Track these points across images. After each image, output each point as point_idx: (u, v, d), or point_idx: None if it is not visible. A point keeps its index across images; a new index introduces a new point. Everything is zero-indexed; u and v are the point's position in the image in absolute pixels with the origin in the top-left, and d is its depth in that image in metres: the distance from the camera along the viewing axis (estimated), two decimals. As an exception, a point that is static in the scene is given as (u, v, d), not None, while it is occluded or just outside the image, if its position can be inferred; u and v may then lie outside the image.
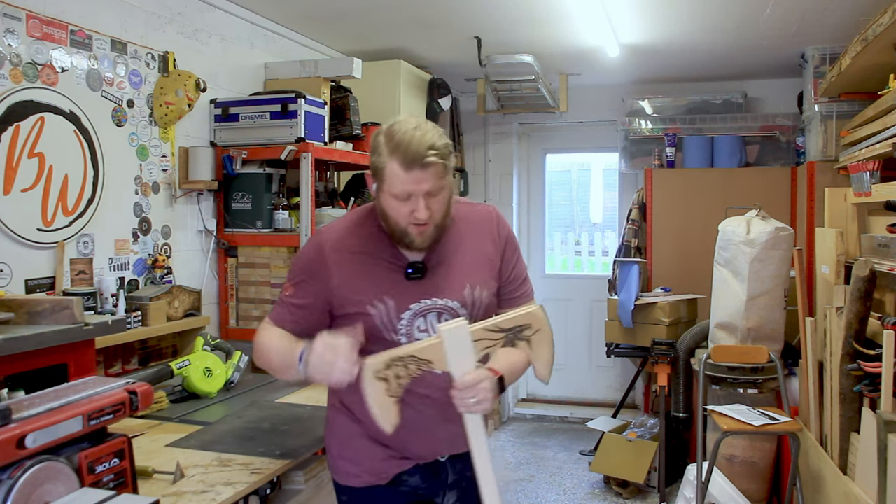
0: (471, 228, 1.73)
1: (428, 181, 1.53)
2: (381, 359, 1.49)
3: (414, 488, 1.75)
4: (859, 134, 3.41)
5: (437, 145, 1.53)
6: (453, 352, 1.48)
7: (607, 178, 5.87)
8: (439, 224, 1.61)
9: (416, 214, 1.55)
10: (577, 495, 4.19)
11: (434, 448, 1.74)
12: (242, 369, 2.83)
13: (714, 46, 4.25)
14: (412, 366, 1.49)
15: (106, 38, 2.72)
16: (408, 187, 1.53)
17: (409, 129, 1.53)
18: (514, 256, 1.75)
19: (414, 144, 1.51)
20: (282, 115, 3.21)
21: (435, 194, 1.56)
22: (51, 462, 1.34)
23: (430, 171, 1.53)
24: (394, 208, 1.58)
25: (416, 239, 1.60)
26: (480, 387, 1.47)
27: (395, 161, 1.52)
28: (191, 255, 3.21)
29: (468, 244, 1.70)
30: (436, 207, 1.58)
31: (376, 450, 1.73)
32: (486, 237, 1.72)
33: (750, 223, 3.50)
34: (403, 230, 1.59)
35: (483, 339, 1.50)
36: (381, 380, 1.48)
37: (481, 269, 1.69)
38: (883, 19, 2.73)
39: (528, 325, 1.52)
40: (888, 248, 2.66)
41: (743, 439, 3.54)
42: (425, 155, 1.51)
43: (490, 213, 1.77)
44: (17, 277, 2.39)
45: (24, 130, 2.39)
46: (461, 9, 3.54)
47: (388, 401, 1.49)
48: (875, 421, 2.25)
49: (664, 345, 4.01)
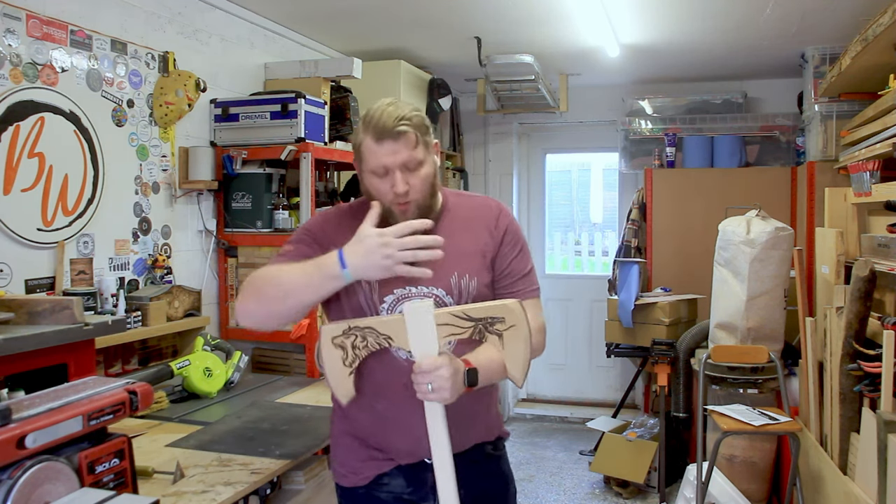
0: (467, 218, 1.70)
1: (401, 152, 1.54)
2: (339, 325, 1.47)
3: (397, 494, 1.68)
4: (859, 134, 3.41)
5: (406, 116, 1.54)
6: (415, 331, 1.44)
7: (607, 178, 5.87)
8: (422, 203, 1.59)
9: (394, 189, 1.55)
10: (577, 495, 4.19)
11: (415, 444, 1.62)
12: (242, 369, 2.83)
13: (714, 46, 4.25)
14: (371, 338, 1.47)
15: (106, 38, 2.72)
16: (382, 160, 1.54)
17: (382, 106, 1.57)
18: (513, 250, 1.69)
19: (384, 117, 1.53)
20: (282, 115, 3.21)
21: (412, 169, 1.56)
22: (51, 462, 1.34)
23: (402, 141, 1.53)
24: (374, 187, 1.58)
25: (400, 217, 1.57)
26: (437, 374, 1.41)
27: (368, 136, 1.55)
28: (191, 255, 3.21)
29: (461, 233, 1.67)
30: (415, 183, 1.56)
31: (359, 449, 1.70)
32: (482, 227, 1.69)
33: (750, 223, 3.50)
34: (387, 210, 1.58)
35: (448, 325, 1.45)
36: (337, 347, 1.47)
37: (472, 259, 1.65)
38: (883, 19, 2.72)
39: (501, 318, 1.45)
40: (888, 248, 2.66)
41: (743, 439, 3.54)
42: (395, 125, 1.52)
43: (491, 204, 1.74)
44: (17, 277, 2.39)
45: (24, 130, 2.39)
46: (461, 9, 3.54)
47: (343, 370, 1.47)
48: (875, 421, 2.25)
49: (664, 345, 4.01)
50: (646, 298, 4.26)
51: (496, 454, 1.79)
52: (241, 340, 3.28)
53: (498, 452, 1.80)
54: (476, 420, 1.71)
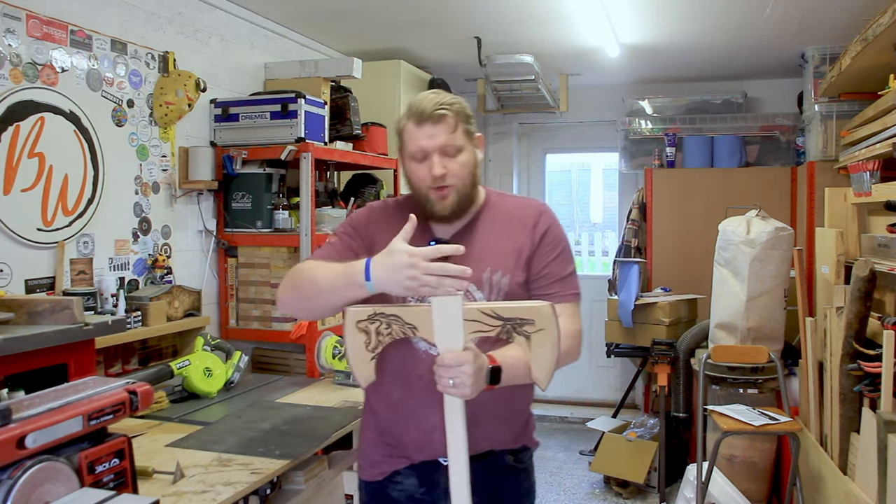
0: (507, 216, 1.70)
1: (439, 136, 1.57)
2: (365, 309, 1.46)
3: (410, 493, 1.68)
4: (859, 134, 3.41)
5: (446, 102, 1.59)
6: (441, 324, 1.43)
7: (607, 178, 5.87)
8: (461, 191, 1.61)
9: (432, 172, 1.57)
10: (577, 495, 4.19)
11: (426, 437, 1.62)
12: (242, 369, 2.83)
13: (714, 46, 4.25)
14: (396, 326, 1.46)
15: (106, 38, 2.72)
16: (421, 142, 1.58)
17: (426, 93, 1.64)
18: (552, 252, 1.66)
19: (425, 103, 1.59)
20: (282, 115, 3.21)
21: (451, 154, 1.59)
22: (51, 462, 1.34)
23: (441, 125, 1.57)
24: (413, 171, 1.62)
25: (437, 205, 1.60)
26: (460, 369, 1.38)
27: (409, 121, 1.61)
28: (191, 255, 3.21)
29: (500, 231, 1.67)
30: (453, 169, 1.59)
31: (378, 444, 1.72)
32: (521, 226, 1.68)
33: (750, 223, 3.51)
34: (426, 196, 1.61)
35: (476, 321, 1.44)
36: (361, 331, 1.46)
37: (507, 256, 1.64)
38: (883, 19, 2.73)
39: (531, 320, 1.42)
40: (888, 248, 2.66)
41: (743, 439, 3.54)
42: (434, 109, 1.57)
43: (535, 206, 1.73)
44: (17, 277, 2.39)
45: (24, 130, 2.39)
46: (461, 9, 3.54)
47: (365, 354, 1.46)
48: (875, 421, 2.25)
49: (664, 345, 4.01)
50: (646, 298, 4.26)
51: (518, 466, 1.74)
52: (241, 340, 3.28)
53: (520, 464, 1.75)
54: (494, 421, 1.66)
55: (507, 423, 1.71)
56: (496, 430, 1.68)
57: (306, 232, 3.16)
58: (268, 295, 3.26)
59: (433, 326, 1.44)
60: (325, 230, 3.28)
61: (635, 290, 4.23)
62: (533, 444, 1.78)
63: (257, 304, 3.28)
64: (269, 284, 3.25)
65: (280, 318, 3.23)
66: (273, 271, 3.25)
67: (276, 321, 3.24)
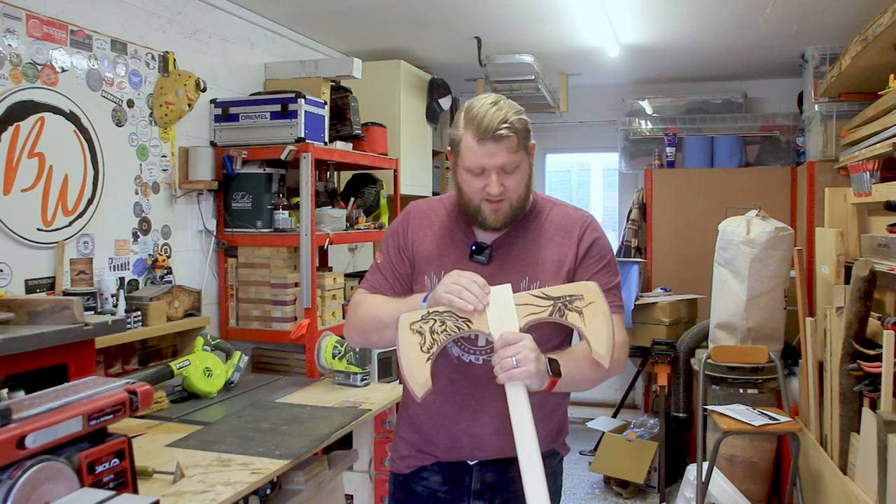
0: (553, 226, 1.68)
1: (500, 155, 1.54)
2: (418, 311, 1.48)
3: (433, 490, 1.70)
4: (859, 134, 3.41)
5: (510, 120, 1.54)
6: (495, 313, 1.45)
7: (607, 178, 5.88)
8: (515, 205, 1.60)
9: (488, 189, 1.56)
10: (577, 495, 4.19)
11: (454, 441, 1.64)
12: (242, 369, 2.83)
13: (714, 46, 4.25)
14: (450, 322, 1.46)
15: (106, 38, 2.72)
16: (480, 160, 1.55)
17: (487, 104, 1.56)
18: (597, 264, 1.65)
19: (488, 118, 1.53)
20: (282, 115, 3.21)
21: (509, 172, 1.57)
22: (51, 462, 1.34)
23: (503, 144, 1.53)
24: (468, 183, 1.60)
25: (490, 217, 1.60)
26: (522, 343, 1.39)
27: (469, 134, 1.55)
28: (191, 255, 3.21)
29: (543, 240, 1.66)
30: (510, 185, 1.57)
31: (410, 439, 1.73)
32: (565, 238, 1.67)
33: (750, 223, 3.51)
34: (477, 207, 1.60)
35: (527, 305, 1.46)
36: (415, 332, 1.46)
37: (546, 267, 1.64)
38: (883, 19, 2.73)
39: (580, 295, 1.45)
40: (888, 248, 2.66)
41: (743, 439, 3.54)
42: (497, 128, 1.52)
43: (581, 217, 1.71)
44: (17, 277, 2.39)
45: (24, 130, 2.39)
46: (461, 9, 3.54)
47: (420, 356, 1.45)
48: (875, 421, 2.25)
49: (664, 345, 4.01)
50: (646, 298, 4.26)
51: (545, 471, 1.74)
52: (241, 340, 3.28)
53: (548, 469, 1.71)
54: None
55: (543, 424, 1.67)
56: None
57: (306, 232, 3.16)
58: (268, 295, 3.25)
59: (487, 315, 1.45)
60: (325, 230, 3.28)
61: (635, 290, 4.23)
62: (564, 450, 1.78)
63: (257, 304, 3.28)
64: (269, 284, 3.25)
65: (280, 317, 3.23)
66: (273, 271, 3.25)
67: (276, 321, 3.24)
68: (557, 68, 4.89)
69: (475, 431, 1.62)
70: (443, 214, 1.71)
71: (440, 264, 1.64)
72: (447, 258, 1.64)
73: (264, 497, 2.15)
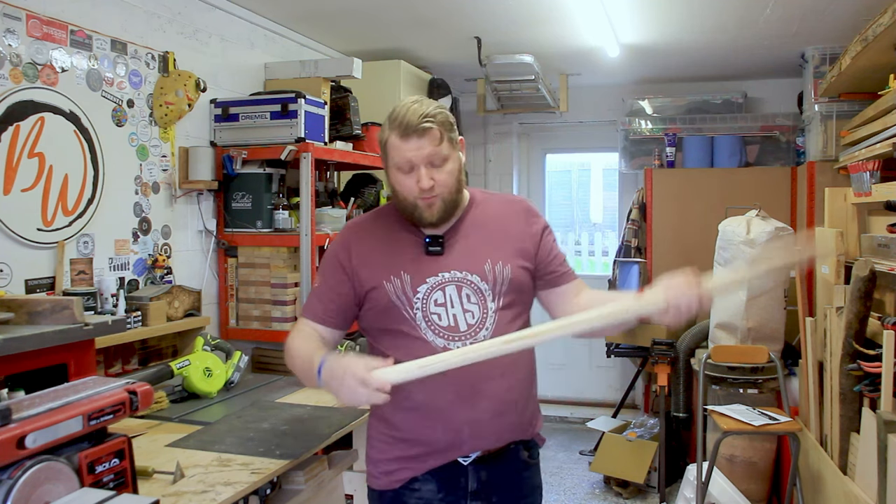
0: (496, 210, 1.76)
1: (425, 148, 1.58)
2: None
3: (428, 500, 1.66)
4: (859, 134, 3.41)
5: (430, 113, 1.59)
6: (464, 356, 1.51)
7: (607, 178, 5.87)
8: (447, 199, 1.63)
9: (419, 184, 1.58)
10: (577, 495, 4.19)
11: (455, 435, 1.62)
12: (242, 369, 2.83)
13: (714, 46, 4.25)
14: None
15: (106, 38, 2.72)
16: (406, 155, 1.58)
17: (408, 104, 1.62)
18: (550, 238, 1.79)
19: (409, 115, 1.58)
20: (282, 115, 3.21)
21: (438, 165, 1.60)
22: (51, 462, 1.34)
23: (426, 138, 1.58)
24: (400, 182, 1.63)
25: (425, 213, 1.62)
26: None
27: (394, 133, 1.60)
28: (191, 255, 3.21)
29: (492, 225, 1.72)
30: (440, 179, 1.60)
31: (394, 451, 1.68)
32: (513, 219, 1.75)
33: (750, 223, 3.51)
34: (413, 204, 1.62)
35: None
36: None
37: (503, 247, 1.70)
38: (883, 19, 2.73)
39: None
40: (888, 248, 2.66)
41: (743, 439, 3.54)
42: (419, 122, 1.57)
43: (520, 200, 1.84)
44: (17, 277, 2.39)
45: (24, 130, 2.39)
46: (461, 9, 3.54)
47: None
48: (875, 421, 2.25)
49: (664, 345, 4.01)
50: (646, 298, 4.25)
51: (532, 462, 1.77)
52: (241, 340, 3.28)
53: (534, 461, 1.78)
54: (515, 410, 1.68)
55: (525, 409, 1.73)
56: (517, 418, 1.70)
57: (306, 232, 3.16)
58: (267, 295, 3.25)
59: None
60: (325, 230, 3.28)
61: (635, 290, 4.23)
62: (540, 441, 1.81)
63: (257, 304, 3.28)
64: (269, 284, 3.25)
65: (280, 317, 3.23)
66: (273, 271, 3.25)
67: (276, 321, 3.24)
68: (557, 68, 4.89)
69: (475, 418, 1.61)
70: (382, 223, 1.73)
71: (397, 265, 1.66)
72: (402, 257, 1.67)
73: (264, 497, 2.14)
